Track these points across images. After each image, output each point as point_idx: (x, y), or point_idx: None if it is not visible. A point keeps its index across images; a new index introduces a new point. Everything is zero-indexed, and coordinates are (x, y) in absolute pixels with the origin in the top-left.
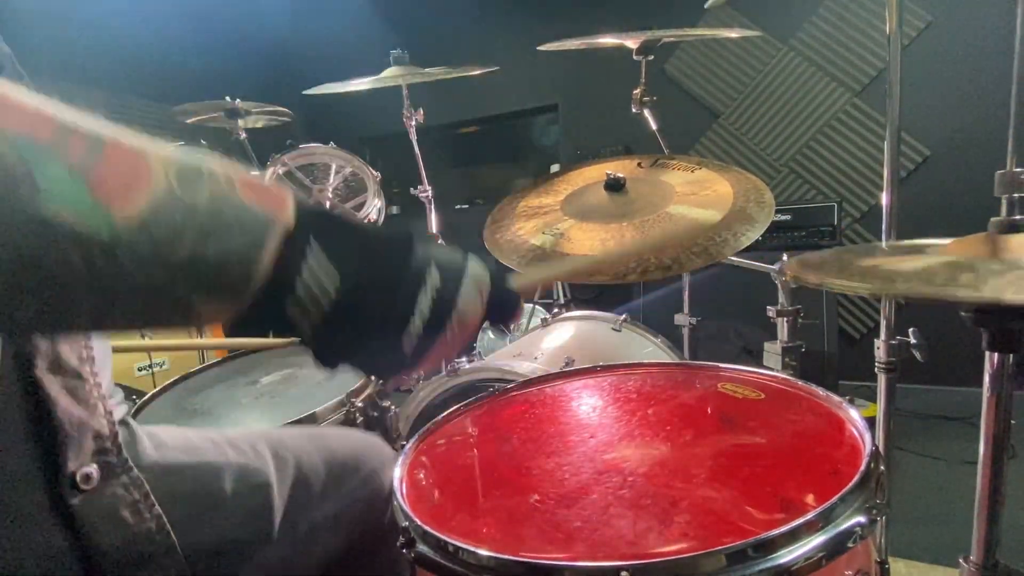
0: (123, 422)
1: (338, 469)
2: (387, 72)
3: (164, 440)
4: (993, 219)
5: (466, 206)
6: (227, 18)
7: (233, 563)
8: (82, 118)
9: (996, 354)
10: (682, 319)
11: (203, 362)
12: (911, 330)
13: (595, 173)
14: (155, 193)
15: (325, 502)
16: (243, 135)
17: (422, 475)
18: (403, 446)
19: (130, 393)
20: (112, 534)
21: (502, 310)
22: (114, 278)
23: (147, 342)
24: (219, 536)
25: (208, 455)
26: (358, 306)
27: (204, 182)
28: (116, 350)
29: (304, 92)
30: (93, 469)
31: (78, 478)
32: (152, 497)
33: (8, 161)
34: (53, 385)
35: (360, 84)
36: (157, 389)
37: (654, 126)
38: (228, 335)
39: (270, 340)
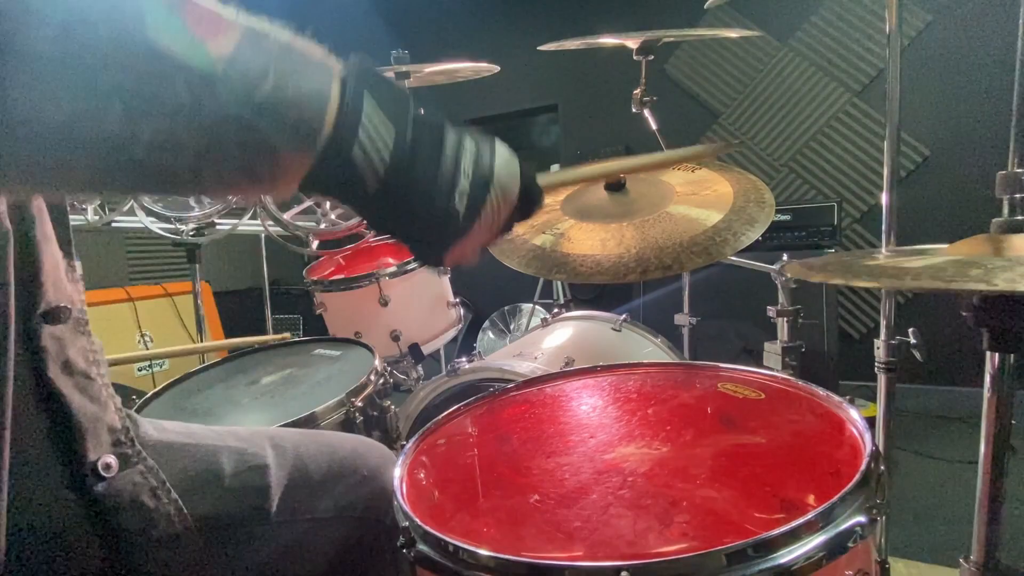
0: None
1: (338, 465)
2: (387, 72)
3: (165, 426)
4: (995, 220)
5: None
6: None
7: (233, 541)
8: None
9: (996, 354)
10: (682, 319)
11: (203, 362)
12: (911, 330)
13: None
14: (238, 35)
15: (325, 495)
16: None
17: (422, 475)
18: (403, 446)
19: (130, 393)
20: (135, 517)
21: (528, 198)
22: (213, 113)
23: (148, 352)
24: (217, 510)
25: (207, 439)
26: (411, 164)
27: (270, 34)
28: (118, 363)
29: None
30: (112, 459)
31: (99, 466)
32: (168, 484)
33: None
34: (66, 384)
35: None
36: (157, 389)
37: (654, 126)
38: (303, 190)
39: (272, 336)
